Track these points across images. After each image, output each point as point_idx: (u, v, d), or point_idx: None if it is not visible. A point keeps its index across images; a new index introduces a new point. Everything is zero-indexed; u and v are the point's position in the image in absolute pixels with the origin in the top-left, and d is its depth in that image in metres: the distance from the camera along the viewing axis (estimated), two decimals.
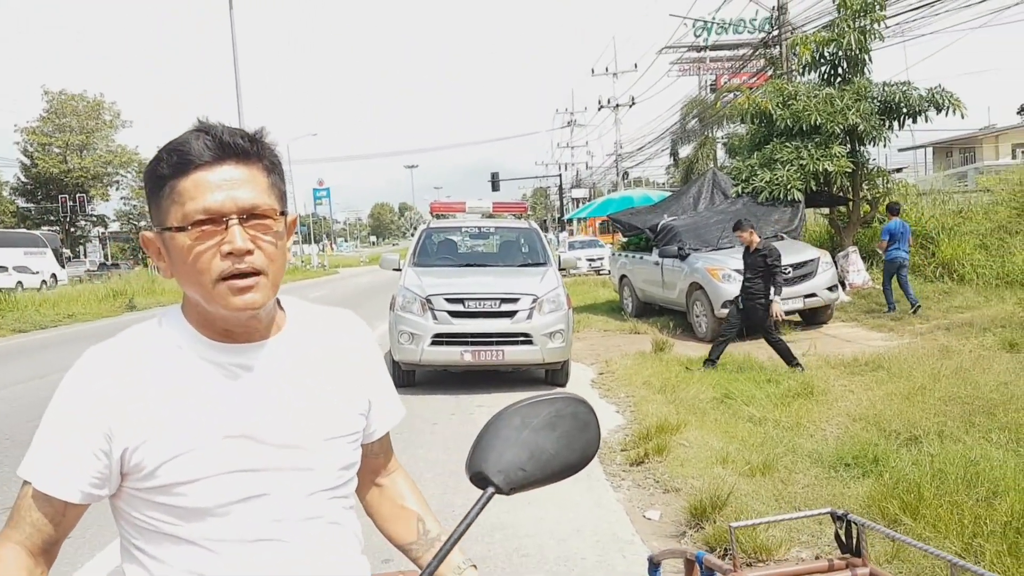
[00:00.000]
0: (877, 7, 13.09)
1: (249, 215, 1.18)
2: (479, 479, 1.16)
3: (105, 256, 54.29)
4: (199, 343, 1.24)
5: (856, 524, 1.57)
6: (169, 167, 1.18)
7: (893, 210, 11.96)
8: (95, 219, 53.60)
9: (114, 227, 55.91)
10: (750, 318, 8.06)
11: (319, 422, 1.29)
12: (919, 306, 11.05)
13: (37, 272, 33.75)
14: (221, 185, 1.16)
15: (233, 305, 1.17)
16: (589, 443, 1.23)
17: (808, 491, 4.14)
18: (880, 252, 11.92)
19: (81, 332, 15.80)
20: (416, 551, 1.45)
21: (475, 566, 1.39)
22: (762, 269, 7.83)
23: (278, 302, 1.34)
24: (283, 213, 1.24)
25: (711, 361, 8.10)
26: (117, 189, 52.28)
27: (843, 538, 1.61)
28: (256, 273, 1.18)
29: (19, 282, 31.21)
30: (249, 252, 1.17)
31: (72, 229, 49.78)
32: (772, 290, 7.80)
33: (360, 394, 1.37)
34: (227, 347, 1.25)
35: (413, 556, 1.46)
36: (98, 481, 1.19)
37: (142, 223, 49.32)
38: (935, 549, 1.46)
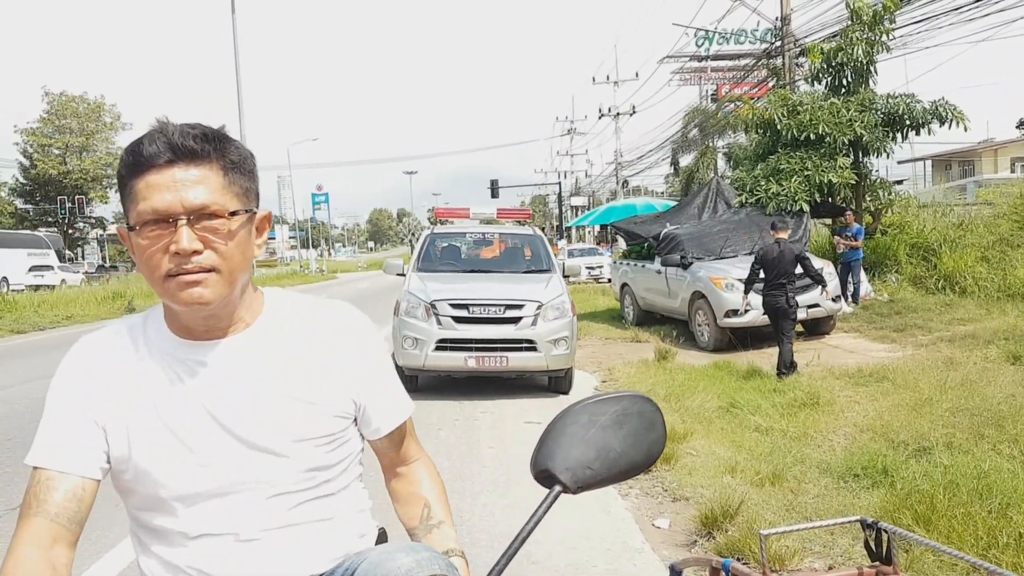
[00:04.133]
0: (887, 20, 13.13)
1: (199, 215, 1.18)
2: (545, 478, 1.13)
3: (103, 258, 54.19)
4: (166, 339, 1.29)
5: (887, 532, 1.55)
6: (126, 168, 1.21)
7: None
8: (93, 221, 53.48)
9: (113, 229, 55.81)
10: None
11: (282, 423, 1.27)
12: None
13: (76, 272, 34.36)
14: (170, 186, 1.18)
15: (182, 300, 1.20)
16: (655, 442, 1.22)
17: (819, 501, 4.12)
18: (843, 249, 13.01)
19: (80, 333, 15.62)
20: (418, 535, 1.44)
21: (463, 555, 1.37)
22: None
23: (264, 295, 1.36)
24: (247, 211, 1.24)
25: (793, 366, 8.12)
26: (116, 191, 52.10)
27: (872, 546, 1.59)
28: (207, 271, 1.19)
29: (63, 280, 31.56)
30: (197, 252, 1.18)
31: (71, 231, 49.69)
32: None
33: (342, 395, 1.34)
34: (188, 344, 1.28)
35: (416, 539, 1.44)
36: (104, 454, 1.24)
37: None
38: (973, 558, 1.44)
